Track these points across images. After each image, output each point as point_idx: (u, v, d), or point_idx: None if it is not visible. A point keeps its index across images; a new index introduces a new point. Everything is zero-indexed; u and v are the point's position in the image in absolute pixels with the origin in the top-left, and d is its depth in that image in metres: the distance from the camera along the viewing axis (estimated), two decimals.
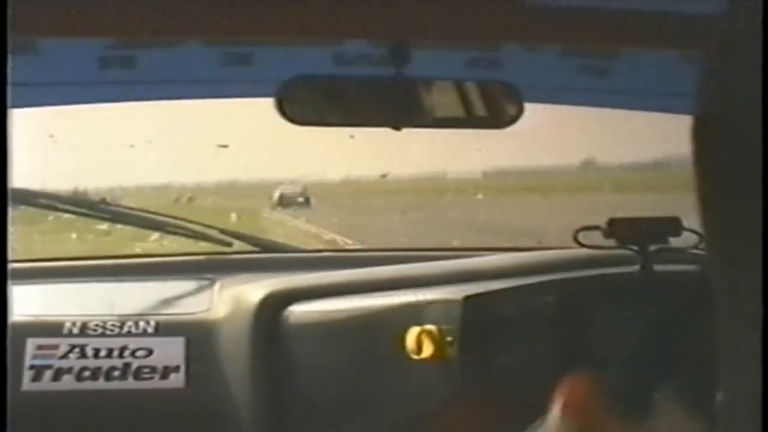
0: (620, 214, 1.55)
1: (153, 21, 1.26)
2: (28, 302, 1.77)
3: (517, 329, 1.51)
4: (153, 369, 1.67)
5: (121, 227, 2.25)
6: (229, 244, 2.15)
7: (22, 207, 2.03)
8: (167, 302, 1.87)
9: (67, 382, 1.64)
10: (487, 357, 1.50)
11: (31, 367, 1.64)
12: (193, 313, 1.79)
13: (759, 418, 0.45)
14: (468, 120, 1.61)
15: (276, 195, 2.96)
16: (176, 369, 1.68)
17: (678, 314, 1.38)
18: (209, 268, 2.02)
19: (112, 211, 2.20)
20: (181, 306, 1.85)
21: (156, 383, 1.67)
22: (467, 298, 1.48)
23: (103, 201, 2.27)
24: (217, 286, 1.89)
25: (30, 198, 2.07)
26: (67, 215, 2.26)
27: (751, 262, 0.45)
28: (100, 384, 1.65)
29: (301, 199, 2.83)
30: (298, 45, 1.52)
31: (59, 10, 1.20)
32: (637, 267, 1.53)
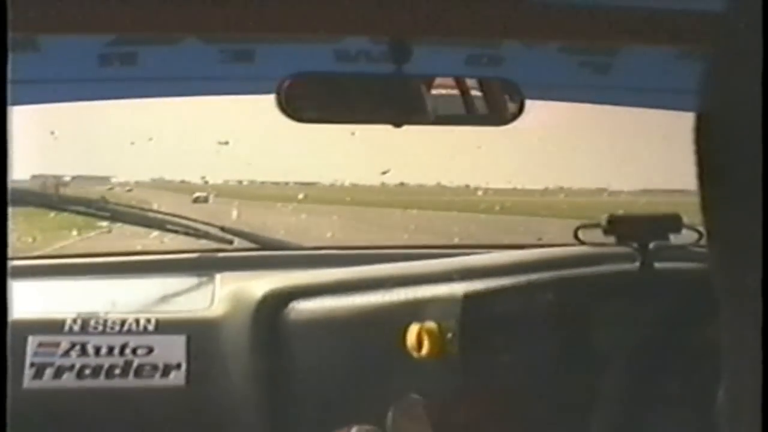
0: None
1: (153, 18, 1.25)
2: (29, 300, 1.77)
3: (518, 326, 1.51)
4: (154, 367, 1.67)
5: (121, 224, 2.25)
6: (230, 242, 2.15)
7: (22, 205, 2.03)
8: (168, 299, 1.87)
9: (68, 380, 1.64)
10: (488, 354, 1.50)
11: (32, 364, 1.64)
12: (193, 311, 1.79)
13: (759, 417, 0.45)
14: (468, 117, 1.61)
15: (194, 196, 4.64)
16: (177, 367, 1.68)
17: (678, 311, 1.38)
18: (210, 266, 2.02)
19: (111, 210, 2.20)
20: (182, 303, 1.85)
21: (157, 381, 1.67)
22: (467, 295, 1.48)
23: (103, 199, 2.27)
24: (217, 283, 1.89)
25: (30, 198, 2.07)
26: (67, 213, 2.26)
27: (751, 261, 0.45)
28: (101, 382, 1.65)
29: (203, 199, 4.45)
30: (298, 42, 1.52)
31: (59, 7, 1.20)
32: (637, 264, 1.53)
